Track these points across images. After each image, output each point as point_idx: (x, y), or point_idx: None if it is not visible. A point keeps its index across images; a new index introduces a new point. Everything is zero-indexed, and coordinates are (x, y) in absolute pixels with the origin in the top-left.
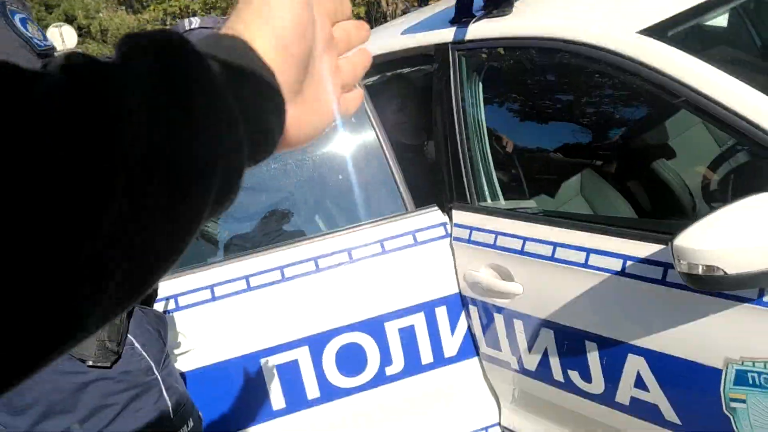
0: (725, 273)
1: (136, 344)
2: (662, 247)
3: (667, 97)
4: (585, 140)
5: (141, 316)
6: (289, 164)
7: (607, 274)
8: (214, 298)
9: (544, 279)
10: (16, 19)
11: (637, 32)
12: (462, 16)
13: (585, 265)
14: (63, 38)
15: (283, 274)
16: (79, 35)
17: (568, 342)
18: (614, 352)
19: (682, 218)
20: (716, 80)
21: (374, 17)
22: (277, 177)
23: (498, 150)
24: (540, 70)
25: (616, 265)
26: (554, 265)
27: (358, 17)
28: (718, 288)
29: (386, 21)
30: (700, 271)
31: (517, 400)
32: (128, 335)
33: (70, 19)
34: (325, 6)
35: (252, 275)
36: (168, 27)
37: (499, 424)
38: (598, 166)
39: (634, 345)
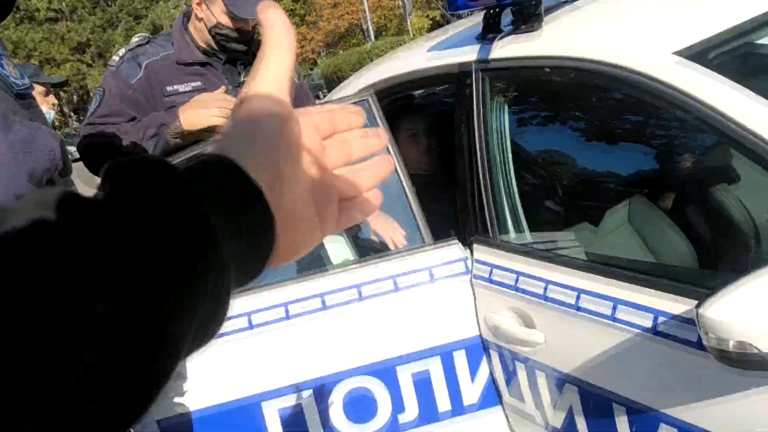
0: (759, 351)
1: None
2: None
3: (708, 129)
4: (634, 164)
5: None
6: None
7: (636, 331)
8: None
9: (567, 329)
10: None
11: (674, 53)
12: (489, 32)
13: (612, 318)
14: None
15: (287, 312)
16: None
17: (594, 402)
18: (645, 420)
19: (744, 254)
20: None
21: None
22: None
23: (529, 177)
24: (570, 91)
25: (647, 321)
26: (578, 315)
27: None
28: (752, 367)
29: None
30: (730, 347)
31: None
32: None
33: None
34: (313, 120)
35: (254, 312)
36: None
37: None
38: (648, 192)
39: (666, 415)
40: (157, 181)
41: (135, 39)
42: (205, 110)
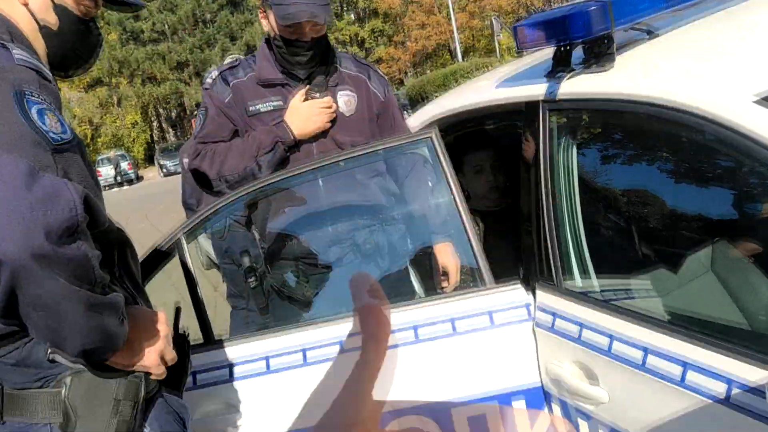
0: None
1: None
2: None
3: None
4: (714, 208)
5: (162, 404)
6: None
7: (708, 400)
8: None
9: (631, 389)
10: (33, 111)
11: (756, 100)
12: (559, 67)
13: (681, 382)
14: None
15: (341, 348)
16: None
17: None
18: None
19: None
20: None
21: None
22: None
23: (599, 218)
24: (642, 131)
25: (720, 388)
26: (644, 375)
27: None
28: None
29: None
30: None
31: None
32: (145, 425)
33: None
34: None
35: (308, 348)
36: None
37: None
38: (733, 237)
39: None
40: None
41: (228, 59)
42: (310, 116)
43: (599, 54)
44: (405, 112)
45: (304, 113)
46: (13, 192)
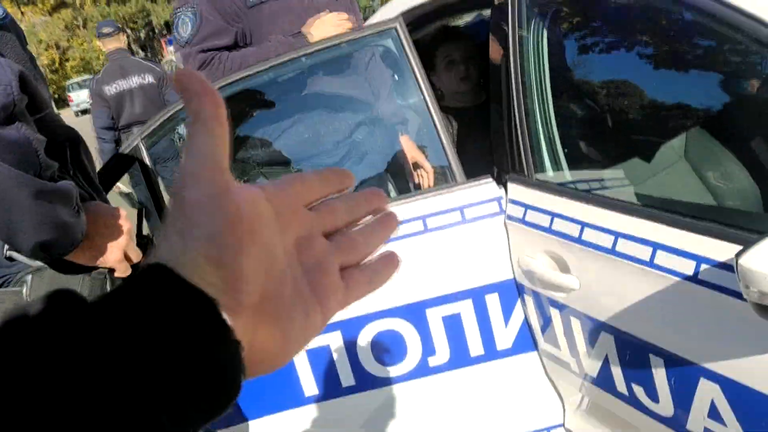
0: None
1: None
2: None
3: None
4: (690, 93)
5: None
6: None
7: (677, 278)
8: None
9: (602, 274)
10: None
11: None
12: None
13: (650, 263)
14: None
15: None
16: None
17: (630, 352)
18: (683, 372)
19: None
20: None
21: None
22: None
23: (572, 107)
24: (617, 9)
25: (688, 267)
26: (614, 260)
27: None
28: None
29: None
30: None
31: (582, 404)
32: None
33: None
34: (285, 189)
35: None
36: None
37: (563, 425)
38: (708, 123)
39: (707, 369)
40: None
41: None
42: (332, 29)
43: None
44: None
45: (328, 26)
46: None
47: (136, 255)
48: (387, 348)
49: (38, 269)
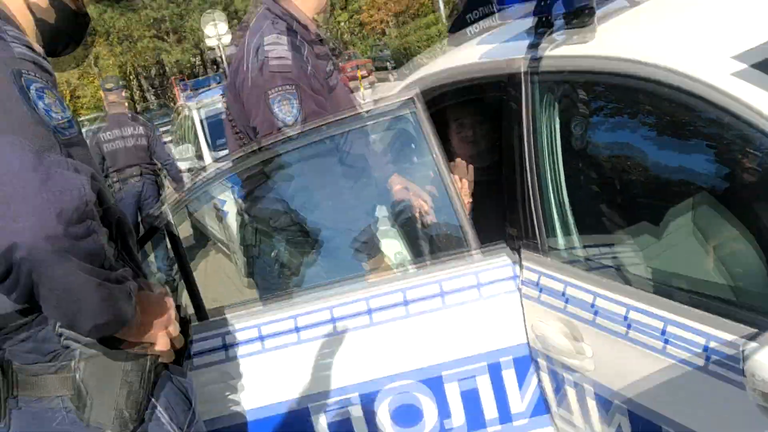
0: None
1: (159, 408)
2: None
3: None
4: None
5: (168, 380)
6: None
7: (687, 357)
8: (264, 350)
9: (615, 345)
10: (32, 90)
11: (733, 58)
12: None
13: (662, 339)
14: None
15: (332, 316)
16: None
17: (644, 426)
18: None
19: None
20: None
21: None
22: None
23: (581, 178)
24: (624, 91)
25: (697, 348)
26: (627, 335)
27: None
28: None
29: None
30: None
31: None
32: (151, 398)
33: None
34: None
35: (300, 315)
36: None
37: None
38: (715, 188)
39: None
40: None
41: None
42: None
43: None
44: (387, 63)
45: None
46: (20, 175)
47: (176, 333)
48: (404, 412)
49: (89, 356)
